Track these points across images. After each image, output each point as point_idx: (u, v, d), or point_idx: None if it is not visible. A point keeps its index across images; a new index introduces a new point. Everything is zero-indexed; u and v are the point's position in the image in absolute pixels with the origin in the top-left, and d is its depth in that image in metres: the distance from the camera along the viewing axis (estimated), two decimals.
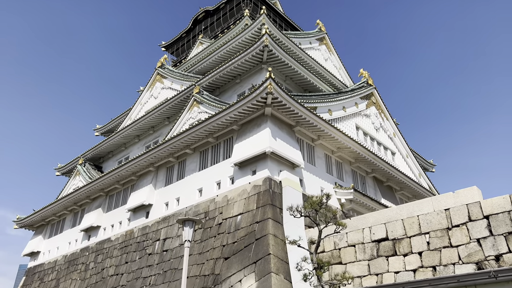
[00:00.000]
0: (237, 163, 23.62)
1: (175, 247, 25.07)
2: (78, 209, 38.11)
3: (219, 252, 21.64)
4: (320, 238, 15.48)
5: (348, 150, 28.54)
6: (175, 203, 27.55)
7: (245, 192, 22.88)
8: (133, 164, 30.29)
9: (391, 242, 17.96)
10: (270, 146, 22.08)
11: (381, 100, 37.47)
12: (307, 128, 25.84)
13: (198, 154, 27.92)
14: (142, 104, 41.30)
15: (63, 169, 46.54)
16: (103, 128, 48.27)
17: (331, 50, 44.42)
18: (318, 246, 15.41)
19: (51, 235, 40.50)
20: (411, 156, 39.09)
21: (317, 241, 15.42)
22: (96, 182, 33.47)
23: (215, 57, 34.96)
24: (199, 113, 29.56)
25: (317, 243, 15.42)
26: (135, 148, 39.76)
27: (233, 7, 47.91)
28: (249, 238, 20.53)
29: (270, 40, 28.13)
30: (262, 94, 22.42)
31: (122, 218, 31.68)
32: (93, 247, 33.00)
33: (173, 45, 54.80)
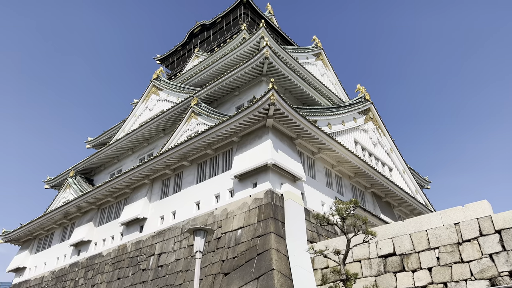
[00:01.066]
0: (237, 175, 23.03)
1: (171, 262, 24.15)
2: (68, 223, 36.88)
3: (219, 268, 20.83)
4: (349, 248, 14.62)
5: (348, 164, 28.17)
6: (171, 217, 26.72)
7: (246, 205, 22.24)
8: (127, 176, 29.45)
9: (399, 257, 17.42)
10: (272, 158, 21.58)
11: (378, 116, 37.42)
12: (308, 141, 25.45)
13: (196, 166, 27.26)
14: (136, 116, 40.63)
15: (52, 182, 45.28)
16: (95, 141, 47.32)
17: (327, 66, 44.53)
18: (346, 257, 14.57)
19: (38, 250, 39.03)
20: (408, 172, 38.92)
21: (346, 251, 14.58)
22: (88, 195, 32.46)
23: (213, 69, 34.63)
24: (197, 125, 29.02)
25: (345, 253, 14.59)
26: (128, 161, 38.88)
27: (230, 21, 47.96)
28: (250, 253, 19.80)
29: (271, 53, 27.94)
30: (264, 105, 22.02)
31: (114, 232, 30.62)
32: (83, 262, 31.76)
33: (168, 58, 54.51)
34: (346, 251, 14.74)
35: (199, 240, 11.07)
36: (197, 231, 11.20)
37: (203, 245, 11.12)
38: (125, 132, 40.48)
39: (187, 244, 24.02)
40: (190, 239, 24.08)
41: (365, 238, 15.28)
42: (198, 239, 11.09)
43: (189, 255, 23.30)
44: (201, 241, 11.10)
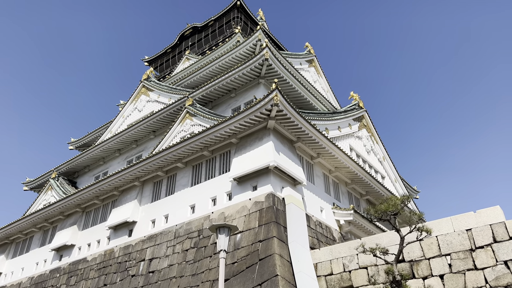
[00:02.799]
0: (236, 177, 22.19)
1: (163, 268, 22.98)
2: (49, 226, 35.09)
3: (216, 274, 19.84)
4: (403, 246, 13.63)
5: (346, 170, 27.72)
6: (163, 221, 25.58)
7: (245, 209, 21.40)
8: (116, 178, 28.17)
9: (408, 264, 16.90)
10: (274, 160, 20.87)
11: (371, 123, 37.28)
12: (308, 145, 24.88)
13: (191, 168, 26.27)
14: (124, 117, 39.32)
15: (32, 184, 43.28)
16: (78, 142, 45.61)
17: (320, 73, 44.33)
18: (399, 256, 13.60)
19: (15, 255, 36.96)
20: (399, 181, 38.82)
21: (399, 249, 13.57)
22: (73, 197, 30.92)
23: (207, 71, 33.87)
24: (192, 126, 28.10)
25: (399, 251, 13.61)
26: (115, 163, 37.47)
27: (222, 24, 47.37)
28: (251, 258, 18.93)
29: (271, 54, 27.41)
30: (267, 105, 21.35)
31: (100, 237, 29.16)
32: (66, 268, 30.09)
33: (157, 60, 53.40)
34: (400, 250, 13.59)
35: (223, 238, 10.21)
36: (221, 229, 10.35)
37: (227, 243, 10.25)
38: (112, 133, 39.09)
39: (181, 249, 22.94)
40: (184, 244, 23.02)
41: (419, 236, 14.16)
42: (222, 237, 10.22)
43: (183, 261, 22.22)
44: (225, 239, 10.24)
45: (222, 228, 10.40)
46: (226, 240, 10.32)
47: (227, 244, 10.31)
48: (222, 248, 10.24)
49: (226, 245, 10.29)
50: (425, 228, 13.66)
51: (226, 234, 10.37)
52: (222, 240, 10.24)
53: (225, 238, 10.32)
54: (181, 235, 23.58)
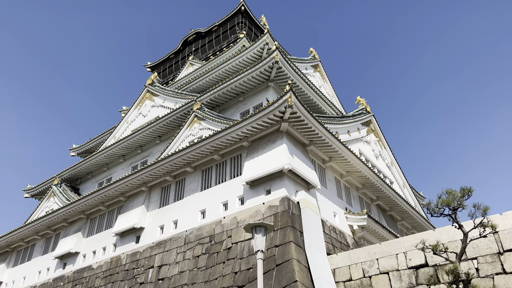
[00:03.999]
0: (249, 181, 21.65)
1: (173, 274, 22.30)
2: (52, 233, 34.32)
3: (231, 280, 19.21)
4: (466, 243, 12.68)
5: (357, 175, 27.24)
6: (172, 226, 24.94)
7: (259, 213, 20.82)
8: (123, 183, 27.56)
9: (432, 268, 16.34)
10: (289, 163, 20.36)
11: (379, 128, 36.90)
12: (320, 148, 24.42)
13: (200, 172, 25.71)
14: (128, 123, 38.79)
15: (33, 191, 42.54)
16: (80, 148, 44.97)
17: (325, 78, 44.05)
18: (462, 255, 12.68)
19: (16, 264, 36.10)
20: (407, 186, 38.37)
21: (463, 246, 12.68)
22: (77, 203, 30.24)
23: (213, 75, 33.51)
24: (200, 130, 27.59)
25: (462, 249, 12.71)
26: (119, 169, 36.83)
27: (226, 30, 47.12)
28: (268, 264, 18.33)
29: (281, 57, 27.05)
30: (280, 107, 20.90)
31: (106, 244, 28.44)
32: (70, 276, 29.30)
33: (159, 65, 53.03)
34: (463, 247, 12.64)
35: (259, 238, 9.64)
36: (257, 228, 9.79)
37: (264, 243, 9.69)
38: (116, 138, 38.51)
39: (191, 255, 22.28)
40: (195, 250, 22.38)
41: (481, 232, 13.09)
42: (258, 236, 9.67)
43: (195, 267, 21.56)
44: (262, 239, 9.68)
45: (258, 228, 9.84)
46: (262, 240, 9.76)
47: (264, 244, 9.76)
48: (259, 249, 9.68)
49: (263, 245, 9.74)
50: (491, 224, 12.58)
51: (262, 234, 9.81)
52: (259, 240, 9.68)
53: (262, 238, 9.76)
54: (192, 241, 22.95)
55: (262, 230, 9.87)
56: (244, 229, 10.04)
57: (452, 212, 12.68)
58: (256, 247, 9.78)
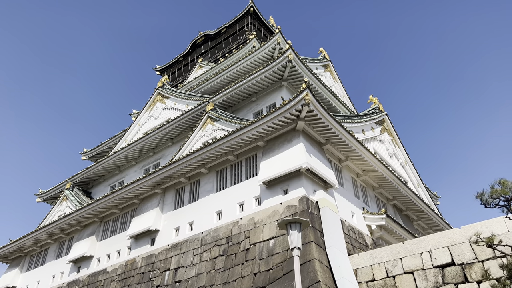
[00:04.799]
0: (265, 181, 21.36)
1: (190, 277, 22.03)
2: (65, 237, 34.22)
3: (250, 281, 18.89)
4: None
5: (374, 174, 26.84)
6: (188, 228, 24.69)
7: (277, 214, 20.51)
8: (137, 186, 27.39)
9: (459, 267, 15.91)
10: (307, 162, 20.04)
11: (392, 127, 36.47)
12: (337, 147, 24.09)
13: (215, 173, 25.47)
14: (139, 125, 38.71)
15: (45, 195, 42.55)
16: (91, 152, 44.94)
17: (335, 78, 43.74)
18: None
19: (30, 268, 36.04)
20: (421, 186, 37.87)
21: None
22: (91, 207, 30.12)
23: (224, 77, 33.34)
24: (213, 131, 27.37)
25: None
26: (131, 172, 36.72)
27: (235, 31, 47.00)
28: (288, 265, 18.00)
29: (294, 56, 26.81)
30: (297, 105, 20.62)
31: (121, 247, 28.25)
32: (84, 280, 29.13)
33: (168, 68, 53.01)
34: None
35: (295, 234, 9.35)
36: (292, 224, 9.49)
37: (300, 240, 9.39)
38: (127, 141, 38.43)
39: (209, 257, 22.00)
40: (212, 252, 22.10)
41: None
42: (294, 233, 9.37)
43: (212, 269, 21.28)
44: (298, 235, 9.39)
45: (293, 224, 9.54)
46: (298, 237, 9.46)
47: (300, 241, 9.46)
48: (295, 245, 9.37)
49: (299, 242, 9.44)
50: None
51: (298, 230, 9.51)
52: (294, 236, 9.38)
53: (297, 234, 9.46)
54: (208, 243, 22.68)
55: (297, 226, 9.56)
56: (279, 226, 9.73)
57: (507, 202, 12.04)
58: (292, 244, 9.47)
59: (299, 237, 9.44)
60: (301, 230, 9.62)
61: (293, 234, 9.42)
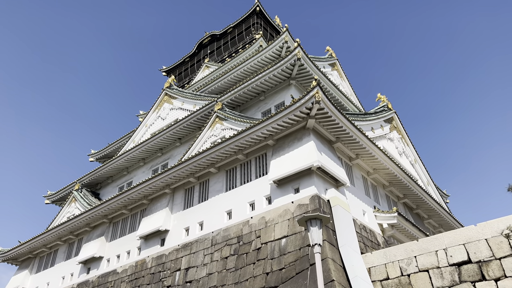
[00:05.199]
0: (276, 180, 21.19)
1: (201, 277, 21.91)
2: (75, 239, 34.26)
3: (263, 281, 18.73)
4: None
5: (384, 172, 26.59)
6: (198, 228, 24.58)
7: (288, 213, 20.34)
8: (146, 186, 27.33)
9: (476, 265, 15.65)
10: (318, 160, 19.86)
11: (401, 125, 36.17)
12: (347, 145, 23.87)
13: (224, 173, 25.35)
14: (147, 126, 38.69)
15: (54, 197, 42.63)
16: (98, 153, 45.01)
17: (342, 76, 43.50)
18: None
19: (39, 270, 36.11)
20: (431, 184, 37.51)
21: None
22: (100, 207, 30.10)
23: (231, 76, 33.24)
24: (222, 130, 27.26)
25: None
26: (139, 172, 36.70)
27: (242, 31, 46.91)
28: (301, 264, 17.82)
29: (303, 54, 26.64)
30: (307, 103, 20.44)
31: (130, 247, 28.20)
32: (94, 281, 29.11)
33: (175, 69, 53.02)
34: None
35: (315, 231, 9.18)
36: (312, 221, 9.32)
37: (321, 237, 9.22)
38: (135, 142, 38.42)
39: (219, 257, 21.87)
40: (223, 251, 21.97)
41: None
42: (314, 229, 9.20)
43: (223, 269, 21.14)
44: (318, 232, 9.22)
45: (314, 220, 9.37)
46: (319, 233, 9.29)
47: (321, 237, 9.28)
48: (317, 242, 9.21)
49: (320, 238, 9.27)
50: None
51: (319, 227, 9.34)
52: (315, 233, 9.21)
53: (318, 230, 9.29)
54: (219, 242, 22.54)
55: (317, 222, 9.39)
56: (298, 222, 9.56)
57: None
58: (312, 241, 9.30)
59: (320, 234, 9.25)
60: (322, 226, 9.44)
61: (314, 230, 9.25)
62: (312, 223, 9.40)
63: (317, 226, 9.36)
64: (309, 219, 9.50)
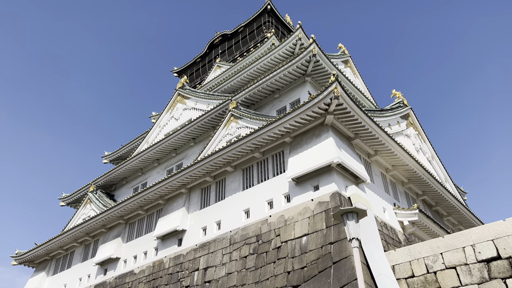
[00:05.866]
0: (294, 178, 20.89)
1: (220, 276, 21.67)
2: (91, 240, 34.29)
3: (284, 280, 18.42)
4: None
5: (403, 169, 26.13)
6: (215, 227, 24.37)
7: (308, 210, 20.01)
8: (162, 186, 27.21)
9: (506, 261, 15.16)
10: (338, 157, 19.50)
11: (417, 121, 35.59)
12: (366, 141, 23.47)
13: (241, 171, 25.11)
14: (161, 127, 38.64)
15: (69, 199, 42.81)
16: (112, 155, 45.10)
17: (356, 74, 43.01)
18: None
19: (56, 271, 36.22)
20: (449, 181, 36.85)
21: None
22: (116, 208, 30.07)
23: (244, 75, 33.02)
24: (237, 129, 27.02)
25: None
26: (154, 173, 36.65)
27: (253, 30, 46.69)
28: (323, 262, 17.48)
29: (318, 50, 26.30)
30: (326, 99, 20.11)
31: (147, 248, 28.09)
32: (112, 282, 29.06)
33: (186, 70, 52.99)
34: None
35: (352, 224, 8.88)
36: (348, 215, 9.02)
37: (359, 230, 8.93)
38: (149, 143, 38.39)
39: (238, 256, 21.62)
40: (242, 250, 21.71)
41: None
42: (351, 223, 8.90)
43: (243, 268, 20.88)
44: (356, 225, 8.92)
45: (350, 214, 9.07)
46: (357, 227, 8.99)
47: (358, 231, 8.98)
48: (354, 236, 8.91)
49: (357, 232, 8.96)
50: None
51: (356, 220, 9.04)
52: (352, 226, 8.91)
53: (355, 224, 8.99)
54: (237, 241, 22.29)
55: (354, 216, 9.07)
56: (333, 216, 9.25)
57: None
58: (350, 235, 8.98)
59: (357, 227, 8.94)
60: (358, 220, 9.12)
61: (351, 224, 8.94)
62: (349, 216, 9.08)
63: (354, 219, 9.04)
64: (345, 213, 9.19)
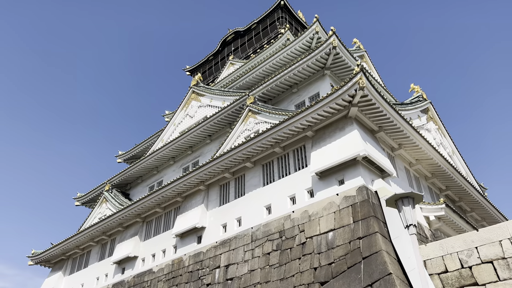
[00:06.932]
0: (318, 172, 20.35)
1: (243, 274, 21.20)
2: (107, 239, 34.05)
3: (311, 276, 17.88)
4: None
5: (427, 163, 25.44)
6: (236, 224, 23.91)
7: (333, 205, 19.45)
8: (180, 183, 26.84)
9: None
10: (364, 150, 18.93)
11: (437, 116, 34.81)
12: (390, 135, 22.85)
13: (260, 167, 24.62)
14: (175, 125, 38.30)
15: (84, 198, 42.68)
16: (126, 154, 44.89)
17: (372, 69, 42.31)
18: None
19: (73, 271, 36.06)
20: (470, 176, 36.02)
21: None
22: (133, 206, 29.76)
23: (260, 71, 32.54)
24: (256, 124, 26.55)
25: None
26: (169, 171, 36.32)
27: (266, 26, 46.21)
28: (352, 257, 16.92)
29: (338, 42, 25.73)
30: (350, 90, 19.54)
31: (165, 246, 27.73)
32: (130, 281, 28.75)
33: (198, 68, 52.69)
34: None
35: (409, 210, 8.32)
36: (403, 200, 8.45)
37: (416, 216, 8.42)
38: (164, 141, 38.08)
39: (261, 253, 21.12)
40: (264, 247, 21.21)
41: None
42: (407, 209, 8.34)
43: (266, 265, 20.38)
44: (413, 211, 8.37)
45: (406, 199, 8.49)
46: (413, 213, 8.43)
47: (415, 217, 8.47)
48: (411, 223, 8.35)
49: (414, 218, 8.40)
50: None
51: (412, 206, 8.49)
52: (409, 213, 8.34)
53: (412, 210, 8.44)
54: (259, 238, 21.81)
55: (410, 201, 8.51)
56: (386, 202, 8.72)
57: None
58: (406, 221, 8.42)
59: (414, 213, 8.37)
60: (414, 206, 8.56)
61: (407, 210, 8.37)
62: (404, 202, 8.51)
63: (411, 205, 8.49)
64: (400, 198, 8.63)
